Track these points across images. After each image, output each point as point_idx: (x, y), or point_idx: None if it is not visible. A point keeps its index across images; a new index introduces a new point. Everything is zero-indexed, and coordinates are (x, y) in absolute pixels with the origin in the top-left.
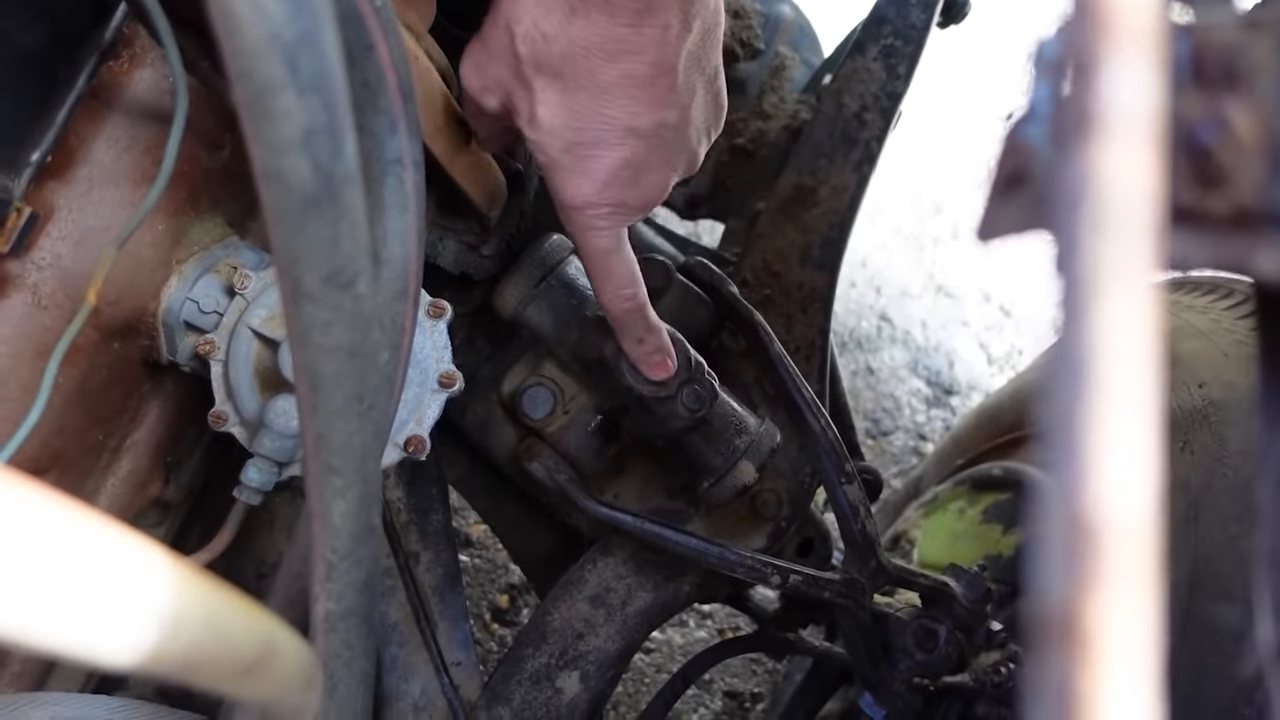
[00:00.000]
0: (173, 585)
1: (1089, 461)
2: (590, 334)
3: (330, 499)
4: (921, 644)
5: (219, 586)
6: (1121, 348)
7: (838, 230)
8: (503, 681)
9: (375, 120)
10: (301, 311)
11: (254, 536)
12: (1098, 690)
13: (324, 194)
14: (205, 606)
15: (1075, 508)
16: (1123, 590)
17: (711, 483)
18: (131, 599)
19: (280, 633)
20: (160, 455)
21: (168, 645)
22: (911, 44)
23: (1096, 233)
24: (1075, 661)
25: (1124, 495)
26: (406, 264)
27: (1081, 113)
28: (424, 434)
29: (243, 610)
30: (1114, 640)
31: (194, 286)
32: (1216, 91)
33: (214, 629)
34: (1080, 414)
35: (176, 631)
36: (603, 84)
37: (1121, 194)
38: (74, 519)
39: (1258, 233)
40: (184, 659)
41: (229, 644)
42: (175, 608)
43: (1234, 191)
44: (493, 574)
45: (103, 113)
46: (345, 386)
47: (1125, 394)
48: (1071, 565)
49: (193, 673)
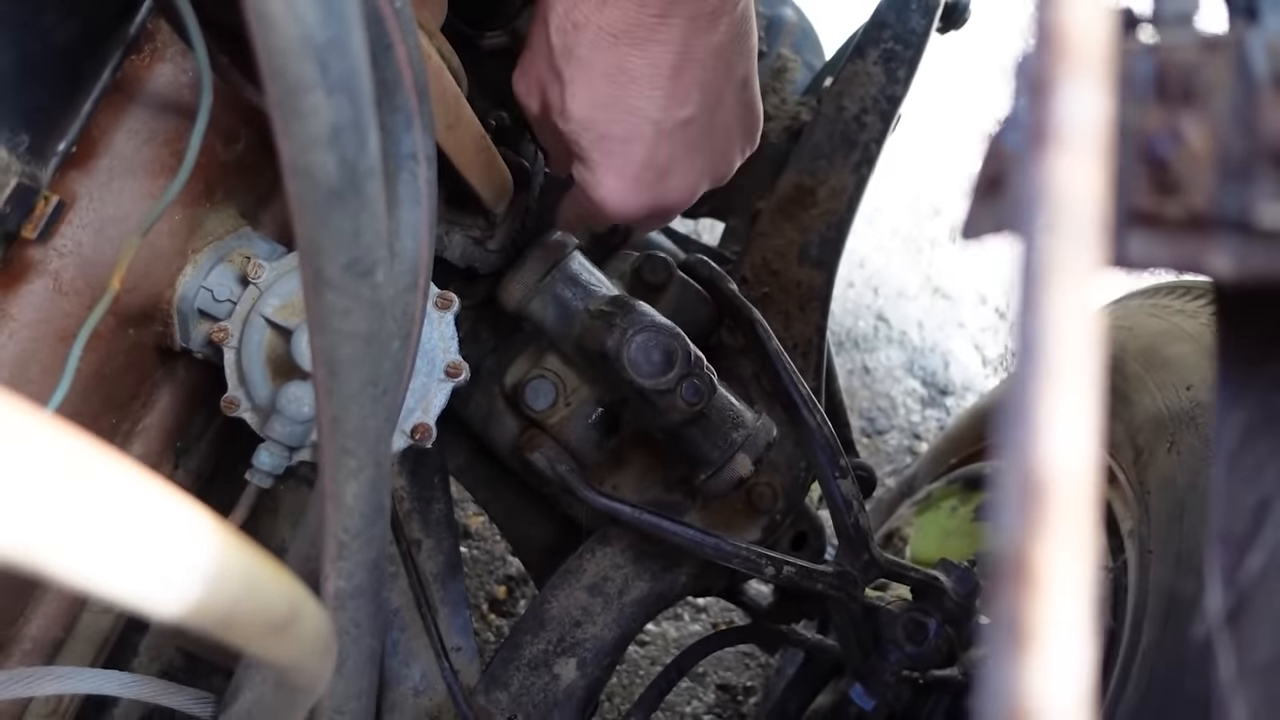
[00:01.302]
0: (217, 542)
1: (1039, 427)
2: (593, 328)
3: (344, 480)
4: (912, 636)
5: (253, 547)
6: (1069, 332)
7: (836, 230)
8: (501, 667)
9: (392, 117)
10: (322, 298)
11: (259, 524)
12: (1043, 621)
13: (348, 187)
14: (244, 565)
15: (1027, 466)
16: (1065, 536)
17: (709, 475)
18: (180, 552)
19: (305, 597)
20: (170, 441)
21: (210, 599)
22: (911, 48)
23: (1050, 233)
24: (1024, 597)
25: (1068, 456)
26: (418, 257)
27: (1038, 127)
28: (430, 422)
29: (274, 571)
30: (1057, 579)
31: (208, 275)
32: (1175, 107)
33: (251, 587)
34: (1032, 387)
35: (219, 586)
36: (630, 74)
37: (1072, 199)
38: (127, 473)
39: (1209, 235)
40: (224, 614)
41: (263, 602)
42: (219, 564)
43: (1188, 198)
44: (490, 565)
45: (124, 105)
46: (361, 371)
47: (1071, 370)
48: (1023, 515)
49: (229, 628)
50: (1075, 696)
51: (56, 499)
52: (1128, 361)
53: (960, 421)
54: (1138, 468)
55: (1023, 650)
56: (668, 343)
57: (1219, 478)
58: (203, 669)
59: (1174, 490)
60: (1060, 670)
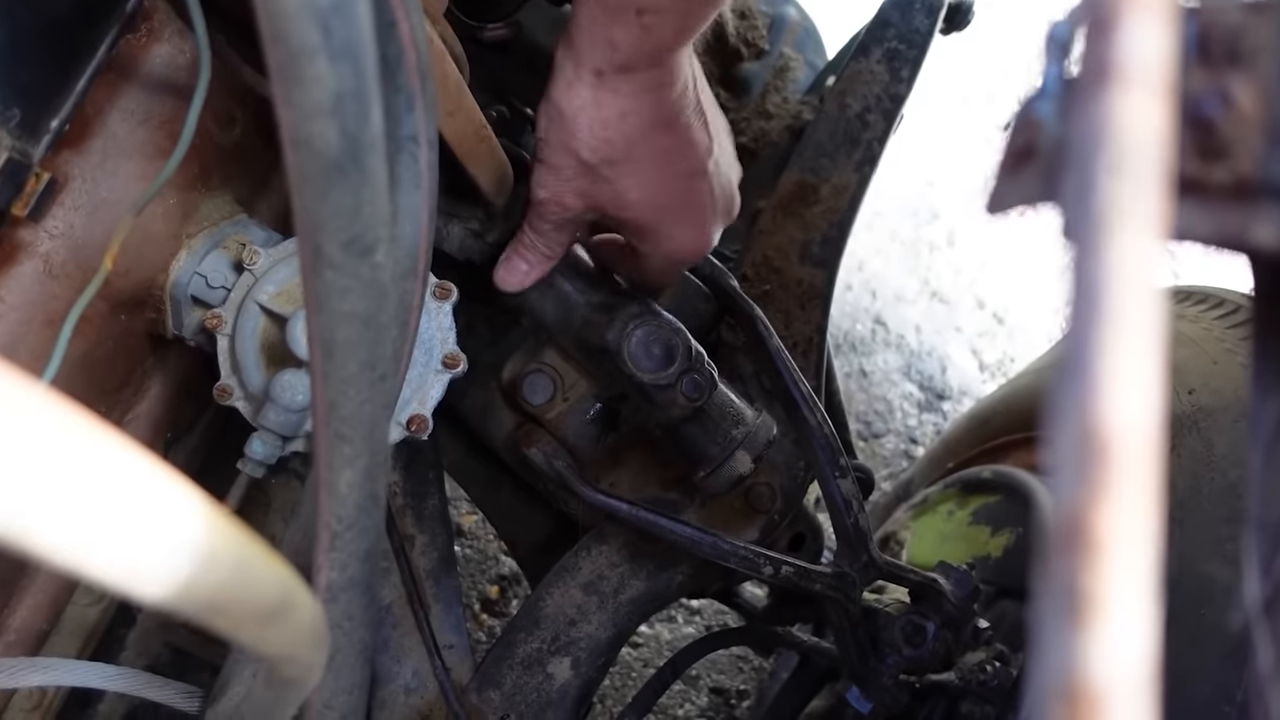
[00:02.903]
0: (207, 522)
1: (1099, 381)
2: (593, 322)
3: (339, 467)
4: (910, 639)
5: (246, 532)
6: (1131, 280)
7: (838, 229)
8: (494, 665)
9: (393, 97)
10: (321, 277)
11: (249, 518)
12: (1103, 589)
13: (349, 160)
14: (235, 548)
15: (1086, 423)
16: (1127, 497)
17: (708, 472)
18: (167, 530)
19: (298, 585)
20: (160, 431)
21: (198, 582)
22: (915, 48)
23: (1112, 175)
24: (1083, 563)
25: (1129, 412)
26: (417, 242)
27: (1100, 64)
28: (427, 413)
29: (267, 557)
30: (1118, 543)
31: (202, 261)
32: (1220, 69)
33: (241, 571)
34: (1093, 338)
35: (208, 569)
36: (666, 150)
37: (1136, 139)
38: (114, 445)
39: (1256, 203)
40: (211, 598)
41: (254, 588)
42: (208, 545)
43: (1235, 163)
44: (483, 564)
45: (119, 85)
46: (358, 354)
47: (1133, 321)
48: (1082, 475)
49: (217, 613)
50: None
51: (37, 469)
52: None
53: (958, 426)
54: None
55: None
56: (669, 337)
57: (1255, 465)
58: (190, 664)
59: (1174, 494)
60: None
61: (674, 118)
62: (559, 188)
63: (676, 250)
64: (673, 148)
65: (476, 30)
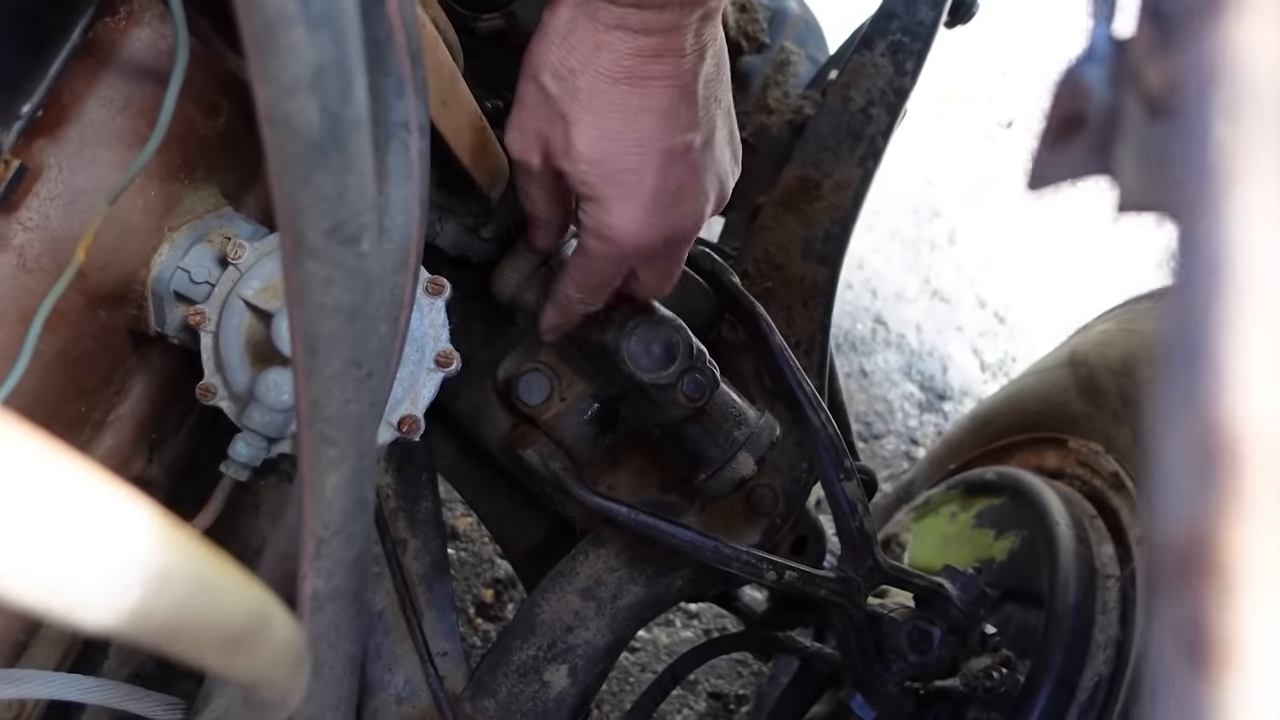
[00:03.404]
0: (157, 538)
1: (1225, 367)
2: (590, 320)
3: (323, 470)
4: (915, 645)
5: (209, 548)
6: (1259, 243)
7: (840, 225)
8: (489, 673)
9: (382, 81)
10: (302, 267)
11: (238, 521)
12: (1237, 629)
13: (331, 140)
14: (193, 566)
15: (1209, 420)
16: (1265, 512)
17: (709, 475)
18: (110, 548)
19: (272, 605)
20: (144, 432)
21: (149, 604)
22: (919, 40)
23: (1230, 120)
24: (1209, 596)
25: (1267, 404)
26: (408, 234)
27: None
28: (418, 414)
29: (234, 576)
30: (1257, 571)
31: (185, 255)
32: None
33: (202, 592)
34: (1215, 314)
35: (160, 590)
36: (632, 108)
37: (1259, 77)
38: (49, 456)
39: None
40: (166, 622)
41: (217, 610)
42: (159, 563)
43: None
44: (478, 568)
45: (97, 71)
46: (344, 350)
47: (1264, 292)
48: (1203, 485)
49: (175, 639)
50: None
51: None
52: (1136, 365)
53: (959, 426)
54: None
55: (1212, 671)
56: (669, 335)
57: None
58: (176, 674)
59: None
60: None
61: (656, 77)
62: (522, 123)
63: (613, 229)
64: (642, 109)
65: (470, 20)
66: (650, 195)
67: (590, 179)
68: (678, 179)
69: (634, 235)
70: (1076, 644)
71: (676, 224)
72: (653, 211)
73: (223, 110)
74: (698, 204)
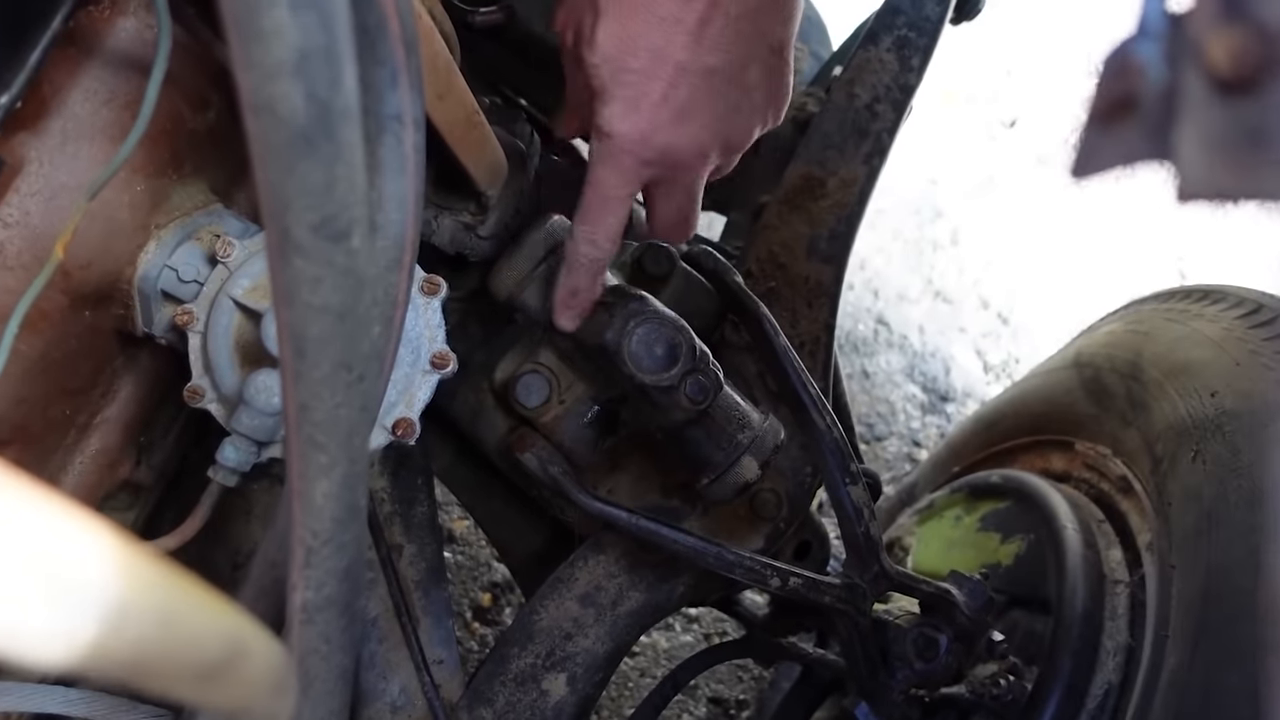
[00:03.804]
0: (117, 568)
1: None
2: (590, 320)
3: (313, 477)
4: (922, 653)
5: (179, 575)
6: None
7: (846, 224)
8: (486, 682)
9: (374, 71)
10: (289, 264)
11: (230, 526)
12: None
13: (318, 129)
14: (159, 597)
15: None
16: None
17: (712, 479)
18: (63, 581)
19: (250, 631)
20: (133, 434)
21: (108, 641)
22: (926, 36)
23: None
24: None
25: None
26: (403, 232)
27: None
28: (414, 417)
29: (206, 604)
30: None
31: (173, 253)
32: None
33: (169, 624)
34: None
35: (120, 624)
36: (660, 15)
37: None
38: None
39: None
40: (130, 659)
41: (187, 642)
42: (118, 596)
43: None
44: (475, 571)
45: (80, 62)
46: (333, 352)
47: None
48: None
49: (142, 674)
50: None
51: None
52: (1144, 367)
53: (963, 428)
54: (1156, 478)
55: None
56: (671, 336)
57: None
58: None
59: (1200, 502)
60: None
61: None
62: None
63: (612, 127)
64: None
65: (467, 14)
66: (654, 104)
67: (601, 73)
68: (689, 97)
69: (634, 139)
70: (1085, 651)
71: (672, 144)
72: (654, 120)
73: (212, 103)
74: (702, 132)
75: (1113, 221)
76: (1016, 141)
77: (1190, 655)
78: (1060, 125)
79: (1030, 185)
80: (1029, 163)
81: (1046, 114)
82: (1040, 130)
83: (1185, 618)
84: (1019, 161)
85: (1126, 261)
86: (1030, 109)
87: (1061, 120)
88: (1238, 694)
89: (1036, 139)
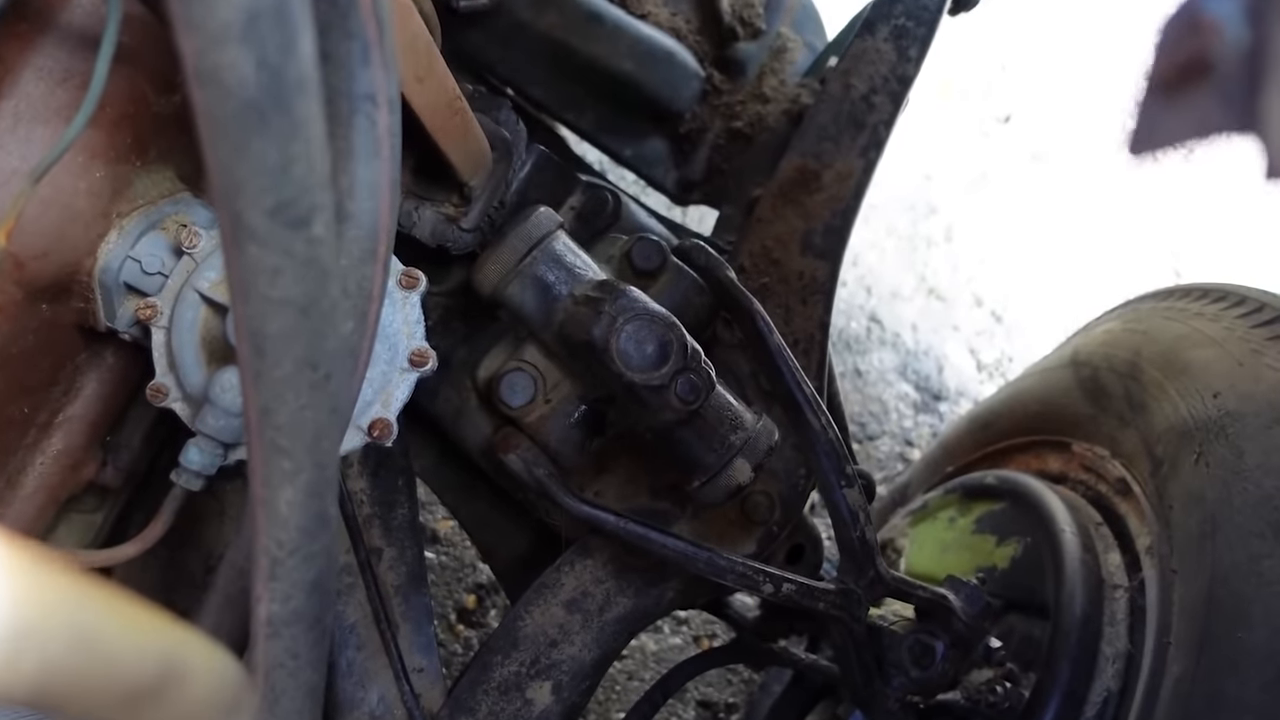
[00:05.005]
0: (26, 586)
1: None
2: (578, 315)
3: (276, 484)
4: (918, 660)
5: (99, 590)
6: None
7: (841, 218)
8: (468, 690)
9: (343, 45)
10: (243, 253)
11: (203, 528)
12: None
13: (271, 101)
14: (77, 615)
15: None
16: None
17: (703, 482)
18: None
19: (191, 648)
20: (98, 434)
21: (17, 664)
22: (924, 26)
23: None
24: None
25: None
26: (377, 220)
27: None
28: (391, 417)
29: (132, 620)
30: None
31: (136, 244)
32: None
33: (84, 645)
34: None
35: (29, 646)
36: None
37: None
38: None
39: None
40: (43, 683)
41: (108, 664)
42: (28, 615)
43: None
44: (460, 573)
45: (34, 40)
46: (295, 349)
47: None
48: None
49: (53, 701)
50: None
51: None
52: (1144, 368)
53: (957, 428)
54: (1156, 480)
55: None
56: (662, 333)
57: None
58: None
59: (1203, 505)
60: None
61: None
62: None
63: None
64: None
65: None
66: None
67: None
68: None
69: None
70: (1084, 657)
71: None
72: None
73: (178, 87)
74: None
75: (1108, 219)
76: (1011, 137)
77: (1194, 664)
78: (1056, 121)
79: (1025, 181)
80: (1024, 159)
81: (1041, 109)
82: (1035, 126)
83: (1188, 624)
84: (1013, 157)
85: (1122, 259)
86: (1025, 104)
87: (1057, 116)
88: (1244, 705)
89: (1031, 135)
